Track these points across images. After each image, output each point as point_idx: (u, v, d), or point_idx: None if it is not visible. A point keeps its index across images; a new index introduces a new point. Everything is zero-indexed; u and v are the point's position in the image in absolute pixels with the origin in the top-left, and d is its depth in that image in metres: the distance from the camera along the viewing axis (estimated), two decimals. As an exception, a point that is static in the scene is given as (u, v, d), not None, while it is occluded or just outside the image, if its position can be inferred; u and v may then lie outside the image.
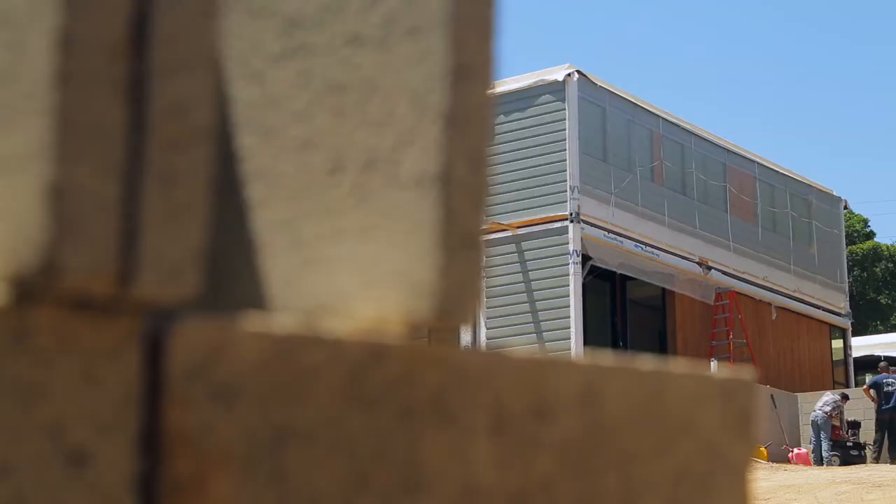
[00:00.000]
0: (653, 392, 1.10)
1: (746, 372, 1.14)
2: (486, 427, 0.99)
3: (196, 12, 0.82)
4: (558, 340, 24.09)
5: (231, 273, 1.04)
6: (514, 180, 25.22)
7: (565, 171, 24.79)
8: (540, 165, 25.05)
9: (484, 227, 0.98)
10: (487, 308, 24.87)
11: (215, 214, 1.06)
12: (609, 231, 25.28)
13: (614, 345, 26.16)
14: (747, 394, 1.15)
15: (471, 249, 0.97)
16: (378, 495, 0.93)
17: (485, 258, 0.98)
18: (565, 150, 24.84)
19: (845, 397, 24.64)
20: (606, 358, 1.07)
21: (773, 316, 29.11)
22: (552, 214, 24.76)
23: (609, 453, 1.07)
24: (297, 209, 1.01)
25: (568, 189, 24.72)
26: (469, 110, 0.97)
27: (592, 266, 24.72)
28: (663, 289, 26.83)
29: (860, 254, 48.02)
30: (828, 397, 24.36)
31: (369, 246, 0.98)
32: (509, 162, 25.29)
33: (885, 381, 24.00)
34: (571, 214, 24.58)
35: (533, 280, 24.73)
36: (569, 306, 24.24)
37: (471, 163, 0.97)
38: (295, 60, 1.02)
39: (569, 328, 24.13)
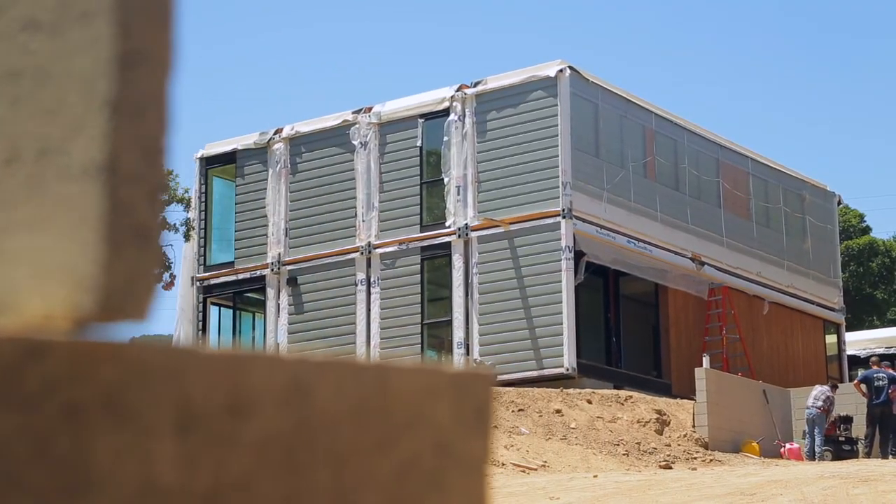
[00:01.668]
0: (373, 387, 1.06)
1: (484, 367, 1.10)
2: (170, 425, 0.96)
3: None
4: (551, 336, 24.05)
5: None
6: (506, 176, 25.19)
7: (557, 167, 24.74)
8: (532, 161, 25.00)
9: (159, 219, 0.94)
10: (480, 304, 24.83)
11: None
12: (602, 227, 25.23)
13: (607, 340, 26.12)
14: (483, 389, 1.11)
15: (143, 242, 0.93)
16: (35, 497, 0.90)
17: (159, 251, 0.95)
18: (557, 145, 24.78)
19: (835, 387, 24.59)
20: (318, 353, 1.04)
21: (765, 310, 29.05)
22: (544, 210, 24.71)
23: (320, 450, 1.03)
24: (-22, 201, 0.98)
25: (560, 185, 24.67)
26: (142, 98, 0.93)
27: (588, 263, 24.66)
28: (656, 284, 26.77)
29: (856, 249, 47.93)
30: (818, 391, 24.29)
31: (42, 239, 0.95)
32: (501, 158, 25.26)
33: (875, 375, 23.94)
34: (564, 210, 24.53)
35: (525, 276, 24.67)
36: (561, 302, 24.18)
37: (144, 153, 0.93)
38: (-23, 47, 0.99)
39: (562, 324, 24.07)
